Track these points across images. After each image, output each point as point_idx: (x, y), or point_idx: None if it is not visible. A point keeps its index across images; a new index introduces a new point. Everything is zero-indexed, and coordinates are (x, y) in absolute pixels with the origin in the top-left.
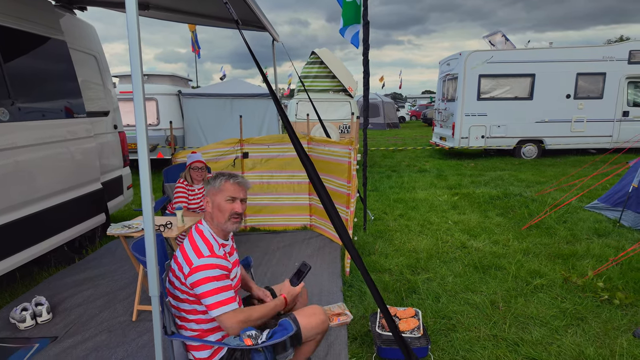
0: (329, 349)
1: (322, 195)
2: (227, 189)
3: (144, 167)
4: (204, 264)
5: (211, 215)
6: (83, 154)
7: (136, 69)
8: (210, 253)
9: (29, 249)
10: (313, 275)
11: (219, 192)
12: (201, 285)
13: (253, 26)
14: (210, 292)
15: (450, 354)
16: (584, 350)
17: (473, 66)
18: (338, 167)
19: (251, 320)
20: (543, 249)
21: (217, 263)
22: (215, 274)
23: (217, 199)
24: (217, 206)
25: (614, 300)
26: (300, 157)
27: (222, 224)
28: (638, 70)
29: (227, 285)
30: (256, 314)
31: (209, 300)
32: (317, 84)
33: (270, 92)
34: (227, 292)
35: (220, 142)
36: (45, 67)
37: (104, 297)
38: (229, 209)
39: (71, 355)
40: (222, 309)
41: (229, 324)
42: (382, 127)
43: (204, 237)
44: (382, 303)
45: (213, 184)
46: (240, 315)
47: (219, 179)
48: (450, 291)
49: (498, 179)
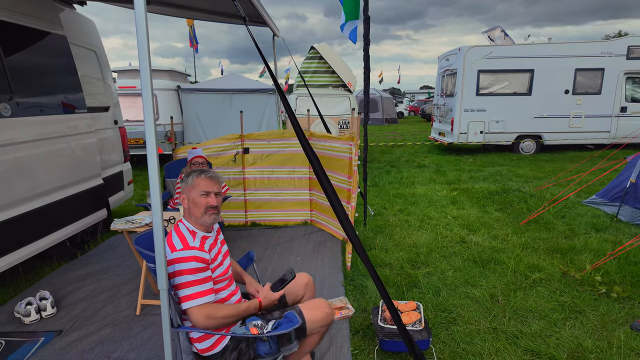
0: (332, 342)
1: (328, 190)
2: (199, 184)
3: (152, 162)
4: (176, 257)
5: (189, 211)
6: (84, 149)
7: (145, 66)
8: (182, 246)
9: (31, 245)
10: (314, 269)
11: (192, 188)
12: (174, 277)
13: (254, 21)
14: (181, 285)
15: (451, 347)
16: (582, 343)
17: (472, 61)
18: (339, 162)
19: (215, 317)
20: (542, 243)
21: (190, 255)
22: (187, 267)
23: (192, 195)
24: (192, 201)
25: (612, 294)
26: (307, 152)
27: (199, 218)
28: (636, 66)
29: (201, 279)
30: (222, 312)
31: (180, 292)
32: (317, 79)
33: (276, 89)
34: (198, 285)
35: (221, 138)
36: (45, 62)
37: (108, 292)
38: (203, 203)
39: (77, 349)
40: (190, 302)
41: (193, 317)
42: (380, 122)
43: (178, 232)
44: (386, 294)
45: (186, 181)
46: (205, 309)
47: (191, 175)
48: (450, 285)
49: (497, 174)
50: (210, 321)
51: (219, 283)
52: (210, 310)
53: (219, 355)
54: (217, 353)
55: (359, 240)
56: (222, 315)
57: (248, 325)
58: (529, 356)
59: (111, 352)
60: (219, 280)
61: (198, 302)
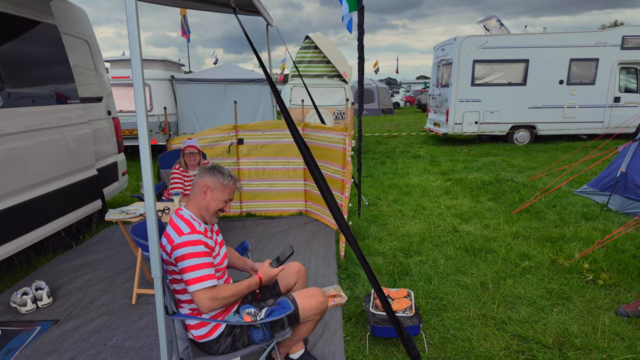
0: (325, 329)
1: (319, 180)
2: (230, 191)
3: (144, 151)
4: (185, 240)
5: (206, 206)
6: (77, 140)
7: (135, 56)
8: (190, 230)
9: (26, 235)
10: (309, 259)
11: (224, 189)
12: (182, 261)
13: (247, 10)
14: (189, 268)
15: (441, 332)
16: (568, 328)
17: (467, 51)
18: (333, 153)
19: (220, 297)
20: (532, 232)
21: (198, 239)
22: (196, 250)
23: (219, 195)
24: (215, 199)
25: (598, 281)
26: (297, 143)
27: (208, 215)
28: (631, 56)
29: (208, 263)
30: (226, 292)
31: (188, 276)
32: (312, 69)
33: (267, 79)
34: (205, 269)
35: (216, 128)
36: (36, 52)
37: (103, 282)
38: (222, 206)
39: (73, 337)
40: (198, 285)
41: (199, 299)
42: (376, 113)
43: (184, 218)
44: (375, 281)
45: (222, 179)
46: (210, 292)
47: (231, 178)
48: (441, 273)
49: (490, 165)
50: (215, 303)
51: (217, 272)
52: (214, 292)
53: (214, 342)
54: (212, 340)
55: (349, 229)
56: (225, 295)
57: (242, 313)
58: (517, 341)
59: (107, 340)
60: (217, 270)
61: (205, 285)
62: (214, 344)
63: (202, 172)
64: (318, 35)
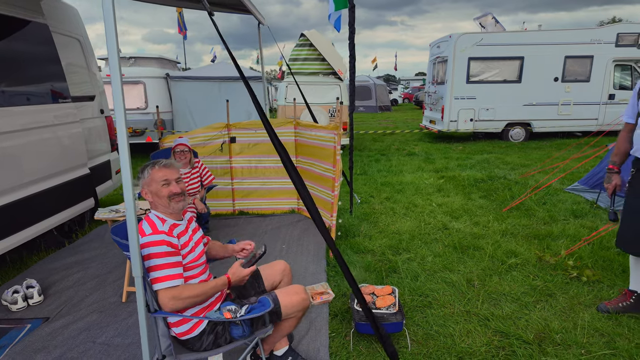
0: (311, 325)
1: (295, 179)
2: (156, 176)
3: (123, 148)
4: (147, 241)
5: (155, 205)
6: (69, 138)
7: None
8: (152, 230)
9: (17, 234)
10: (299, 256)
11: (151, 181)
12: (146, 260)
13: (237, 9)
14: (152, 268)
15: (425, 329)
16: (549, 324)
17: (462, 49)
18: (324, 151)
19: (182, 297)
20: (521, 229)
21: (161, 239)
22: (158, 250)
23: (153, 188)
24: (155, 194)
25: (582, 278)
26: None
27: (167, 207)
28: (625, 53)
29: (171, 263)
30: (188, 292)
31: (151, 275)
32: (307, 66)
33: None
34: (168, 269)
35: (208, 127)
36: (26, 51)
37: (94, 280)
38: (166, 192)
39: (63, 335)
40: (160, 284)
41: (161, 298)
42: (374, 110)
43: (148, 219)
44: (353, 281)
45: (143, 177)
46: (171, 292)
47: (146, 169)
48: (429, 270)
49: (484, 162)
50: (177, 302)
51: (191, 270)
52: (176, 292)
53: (196, 339)
54: (194, 337)
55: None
56: (187, 295)
57: (222, 310)
58: (498, 337)
59: (96, 338)
60: (190, 267)
61: (166, 285)
62: (197, 341)
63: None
64: (313, 33)
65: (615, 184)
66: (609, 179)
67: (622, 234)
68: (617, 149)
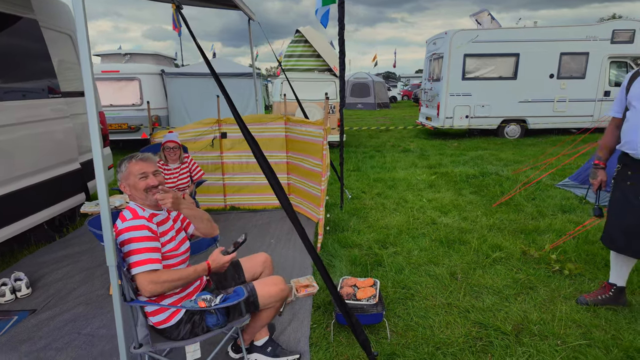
0: (294, 317)
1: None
2: (133, 169)
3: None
4: (126, 226)
5: (134, 197)
6: (59, 133)
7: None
8: (132, 216)
9: (6, 227)
10: (287, 250)
11: (128, 175)
12: (125, 245)
13: (226, 5)
14: (131, 252)
15: (405, 320)
16: (528, 316)
17: (458, 45)
18: (313, 147)
19: (160, 281)
20: (508, 224)
21: (141, 224)
22: (137, 234)
23: (130, 181)
24: (133, 187)
25: (565, 271)
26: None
27: (144, 199)
28: (620, 50)
29: (151, 247)
30: (166, 275)
31: (130, 259)
32: (302, 63)
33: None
34: (147, 253)
35: (199, 122)
36: (16, 47)
37: (83, 273)
38: (143, 185)
39: (49, 326)
40: (138, 268)
41: (140, 282)
42: (372, 107)
43: (129, 207)
44: (327, 274)
45: (120, 170)
46: (150, 275)
47: (123, 163)
48: (414, 264)
49: (478, 159)
50: (155, 286)
51: (169, 259)
52: (154, 276)
53: (173, 328)
54: (172, 326)
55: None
56: (166, 279)
57: (197, 299)
58: (477, 328)
59: (82, 329)
60: (169, 257)
61: (145, 269)
62: (174, 330)
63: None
64: (308, 29)
65: (600, 179)
66: (595, 175)
67: (608, 231)
68: (603, 143)
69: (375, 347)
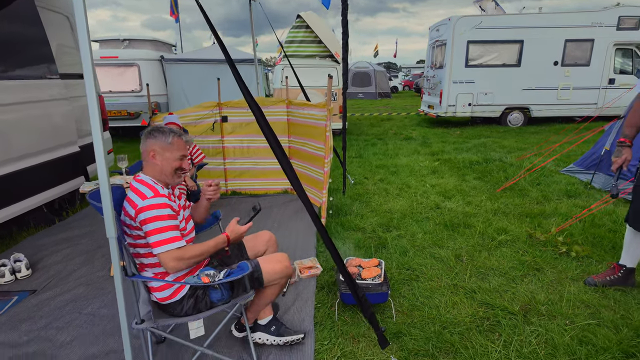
0: (297, 297)
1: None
2: (179, 147)
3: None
4: (149, 203)
5: (160, 169)
6: (57, 116)
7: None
8: (154, 194)
9: (5, 209)
10: (289, 233)
11: (170, 147)
12: (147, 224)
13: None
14: (154, 231)
15: (410, 300)
16: (536, 296)
17: (461, 32)
18: (316, 130)
19: (185, 257)
20: (513, 208)
21: (163, 202)
22: (161, 213)
23: (168, 155)
24: (166, 161)
25: (571, 253)
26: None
27: (169, 177)
28: (626, 37)
29: (173, 225)
30: (191, 252)
31: (153, 238)
32: (303, 49)
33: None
34: (171, 231)
35: (199, 106)
36: (10, 25)
37: (83, 255)
38: (177, 165)
39: (49, 306)
40: (164, 247)
41: (165, 261)
42: (373, 96)
43: (145, 183)
44: (335, 251)
45: (163, 139)
46: (175, 253)
47: (170, 135)
48: (418, 246)
49: (481, 146)
50: (180, 263)
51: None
52: (179, 253)
53: (177, 303)
54: (176, 301)
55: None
56: (191, 255)
57: (200, 275)
58: (484, 308)
59: (82, 309)
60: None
61: (171, 247)
62: (177, 305)
63: (143, 138)
64: (310, 15)
65: (625, 158)
66: (619, 153)
67: (636, 210)
68: (629, 120)
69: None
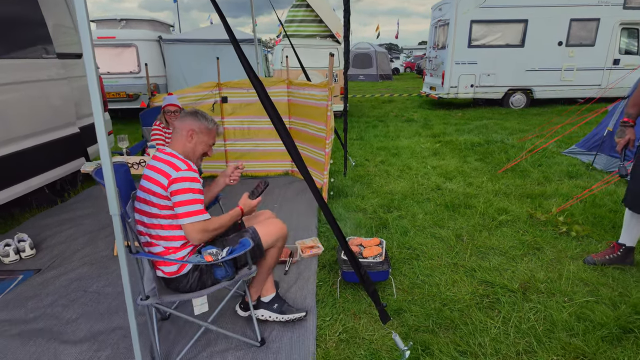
0: (299, 276)
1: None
2: (214, 135)
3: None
4: (183, 175)
5: (192, 148)
6: (54, 96)
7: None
8: (187, 167)
9: (6, 190)
10: (291, 214)
11: (209, 133)
12: (178, 194)
13: None
14: (184, 202)
15: (411, 279)
16: (535, 275)
17: (465, 11)
18: (317, 110)
19: (209, 229)
20: (514, 189)
21: (195, 176)
22: (192, 186)
23: (204, 139)
24: (201, 143)
25: (572, 233)
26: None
27: (195, 158)
28: (633, 16)
29: (200, 199)
30: (214, 224)
31: (182, 209)
32: (303, 29)
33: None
34: (198, 204)
35: (198, 86)
36: (5, 4)
37: (87, 235)
38: (206, 150)
39: (54, 285)
40: (191, 218)
41: (190, 232)
42: (374, 78)
43: (176, 156)
44: (337, 228)
45: (207, 123)
46: (200, 225)
47: (211, 122)
48: (419, 226)
49: (482, 127)
50: (204, 234)
51: None
52: (204, 225)
53: (183, 277)
54: (182, 275)
55: (309, 173)
56: (214, 227)
57: (203, 253)
58: (483, 286)
59: (88, 287)
60: None
61: (197, 219)
62: (183, 279)
63: (184, 116)
64: None
65: (628, 138)
66: (622, 133)
67: (633, 192)
68: (632, 100)
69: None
